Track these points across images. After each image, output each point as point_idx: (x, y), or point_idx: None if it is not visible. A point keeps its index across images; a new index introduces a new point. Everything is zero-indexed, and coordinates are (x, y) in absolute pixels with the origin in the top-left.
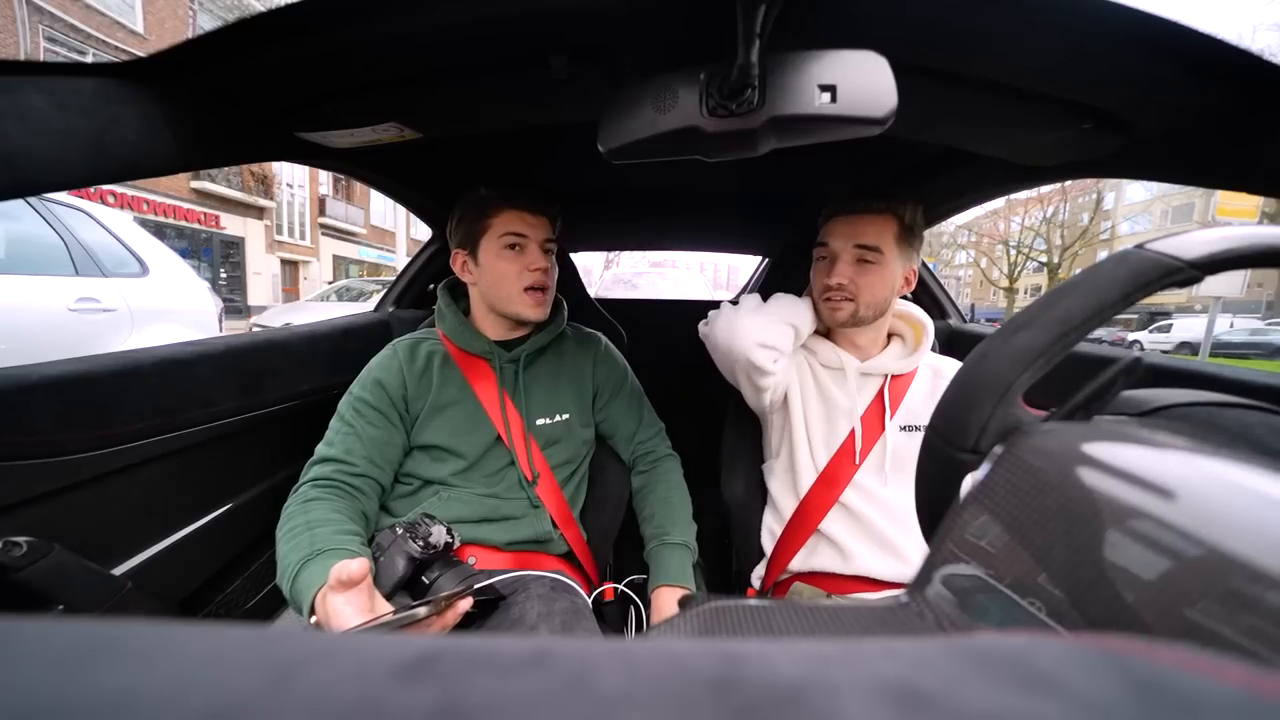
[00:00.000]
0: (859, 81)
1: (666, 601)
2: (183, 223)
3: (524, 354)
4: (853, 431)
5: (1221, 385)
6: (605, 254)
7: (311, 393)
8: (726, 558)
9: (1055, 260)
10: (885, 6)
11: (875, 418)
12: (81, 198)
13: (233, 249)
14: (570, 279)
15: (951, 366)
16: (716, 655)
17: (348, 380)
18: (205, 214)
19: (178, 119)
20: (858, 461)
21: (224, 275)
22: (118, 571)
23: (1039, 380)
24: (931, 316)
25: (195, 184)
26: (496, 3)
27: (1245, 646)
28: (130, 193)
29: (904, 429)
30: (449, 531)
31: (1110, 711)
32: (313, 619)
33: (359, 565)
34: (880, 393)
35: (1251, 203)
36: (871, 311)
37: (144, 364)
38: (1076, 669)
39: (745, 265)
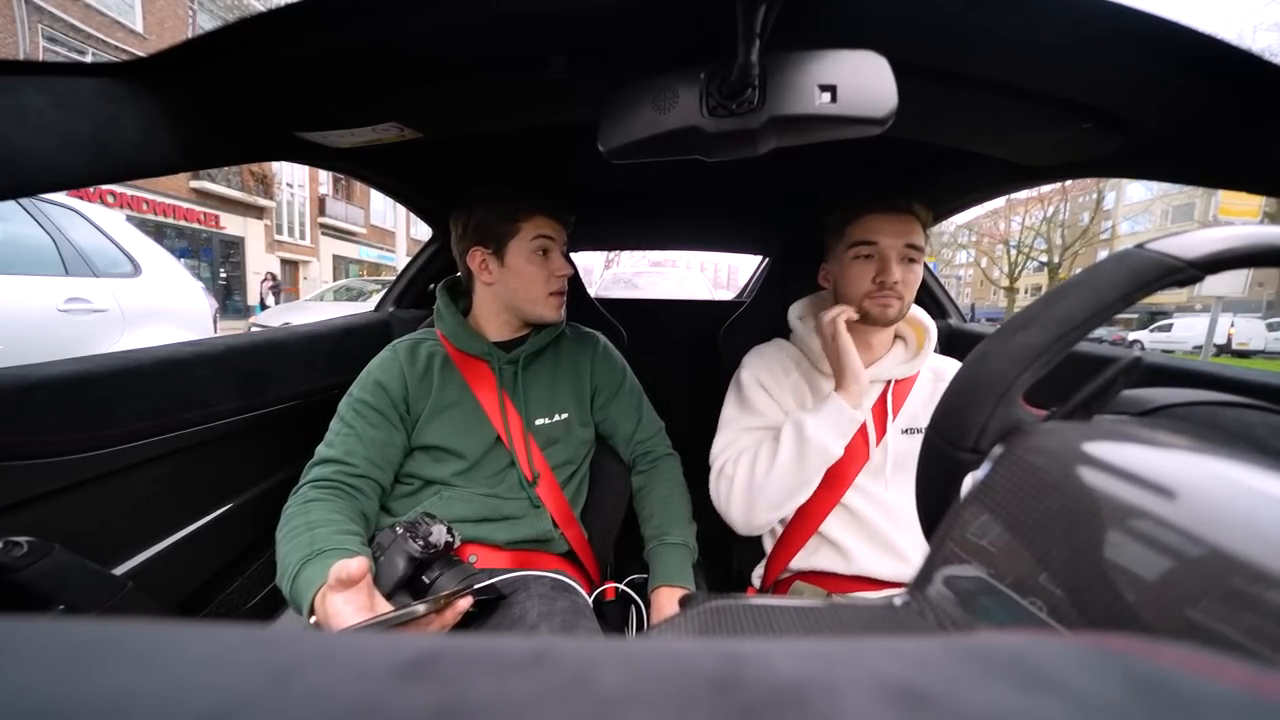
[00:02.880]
0: (859, 81)
1: (666, 601)
2: (183, 222)
3: (523, 355)
4: (856, 436)
5: (1223, 385)
6: (605, 253)
7: (311, 393)
8: (726, 557)
9: (1056, 260)
10: (886, 6)
11: (878, 421)
12: (79, 197)
13: (232, 249)
14: (570, 278)
15: (953, 367)
16: (717, 655)
17: (348, 380)
18: (205, 214)
19: (178, 119)
20: (859, 465)
21: (224, 275)
22: (118, 571)
23: (1039, 380)
24: (931, 316)
25: (195, 184)
26: (497, 3)
27: (1246, 646)
28: (130, 192)
29: (905, 432)
30: (449, 531)
31: (1111, 711)
32: (312, 619)
33: (358, 564)
34: (883, 396)
35: (1254, 202)
36: (908, 309)
37: (144, 364)
38: (1077, 668)
39: (745, 264)
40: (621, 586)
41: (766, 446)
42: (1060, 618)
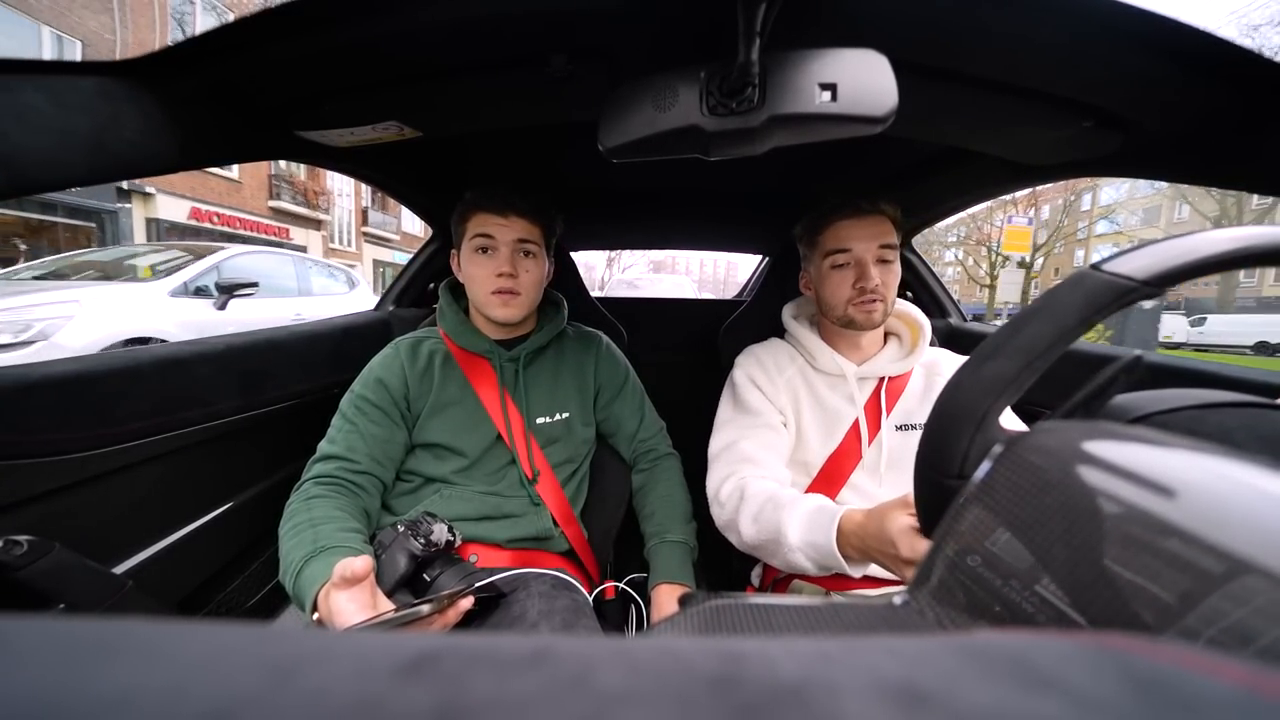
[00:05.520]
0: (860, 80)
1: (666, 599)
2: (263, 235)
3: (524, 353)
4: (849, 433)
5: (1223, 383)
6: (607, 252)
7: (311, 392)
8: (726, 556)
9: (1030, 260)
10: (886, 5)
11: (871, 419)
12: (195, 218)
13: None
14: (570, 278)
15: (948, 359)
16: (717, 654)
17: (348, 379)
18: (279, 227)
19: (178, 118)
20: (854, 462)
21: None
22: (118, 570)
23: (1040, 380)
24: (931, 315)
25: (272, 203)
26: (497, 2)
27: (1246, 645)
28: (229, 213)
29: (899, 428)
30: (450, 530)
31: (1110, 710)
32: (315, 616)
33: (363, 563)
34: (876, 393)
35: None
36: (891, 308)
37: (144, 363)
38: (1077, 667)
39: (745, 261)
40: (621, 585)
41: (757, 505)
42: (1059, 616)
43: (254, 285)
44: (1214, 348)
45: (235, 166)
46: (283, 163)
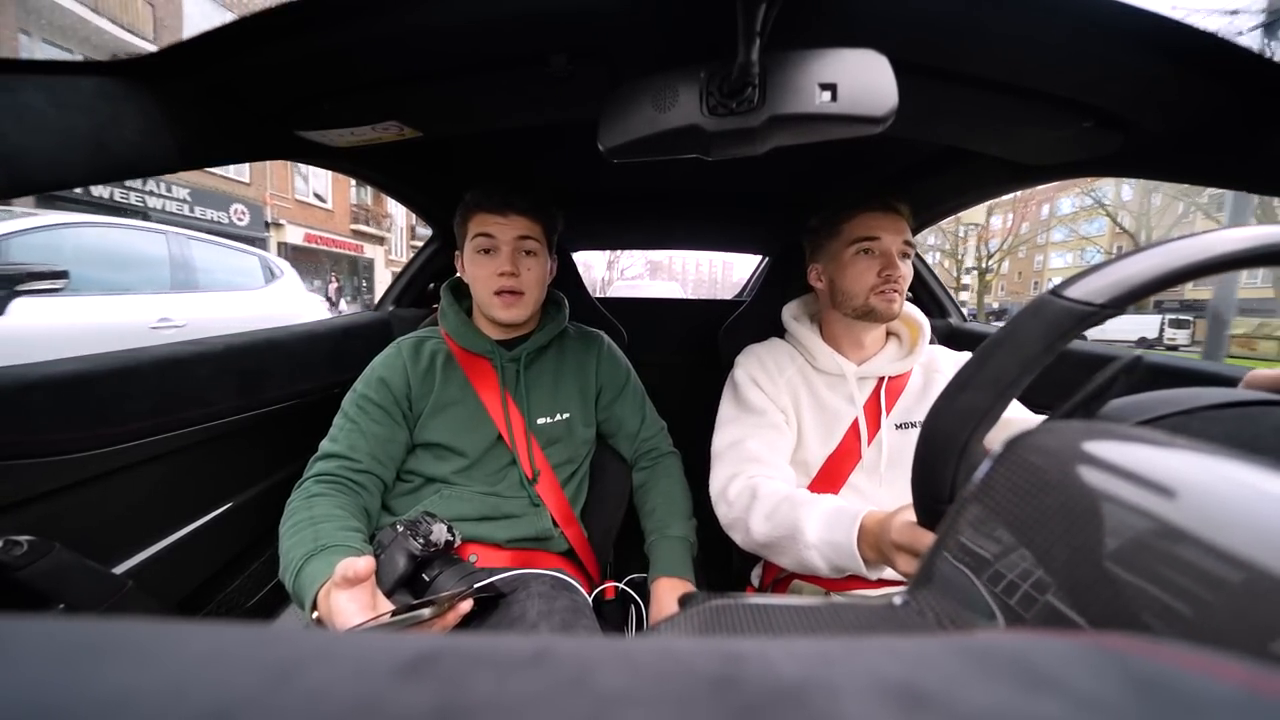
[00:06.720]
0: (860, 80)
1: (666, 592)
2: (346, 251)
3: (525, 353)
4: (848, 433)
5: (1224, 383)
6: (607, 255)
7: (311, 392)
8: (726, 555)
9: (984, 265)
10: (886, 5)
11: (870, 418)
12: (310, 243)
13: (367, 268)
14: (571, 278)
15: (946, 356)
16: (717, 654)
17: (348, 379)
18: (357, 245)
19: (177, 118)
20: (853, 463)
21: (363, 284)
22: (118, 570)
23: (1040, 381)
24: (931, 314)
25: (353, 227)
26: (497, 2)
27: (1245, 645)
28: (327, 235)
29: (899, 427)
30: (449, 530)
31: (1111, 710)
32: (314, 614)
33: (365, 563)
34: (876, 393)
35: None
36: (903, 304)
37: (143, 363)
38: (1077, 668)
39: (740, 262)
40: (621, 586)
41: (771, 504)
42: (1058, 616)
43: (60, 276)
44: (1106, 341)
45: (329, 199)
46: (360, 195)
